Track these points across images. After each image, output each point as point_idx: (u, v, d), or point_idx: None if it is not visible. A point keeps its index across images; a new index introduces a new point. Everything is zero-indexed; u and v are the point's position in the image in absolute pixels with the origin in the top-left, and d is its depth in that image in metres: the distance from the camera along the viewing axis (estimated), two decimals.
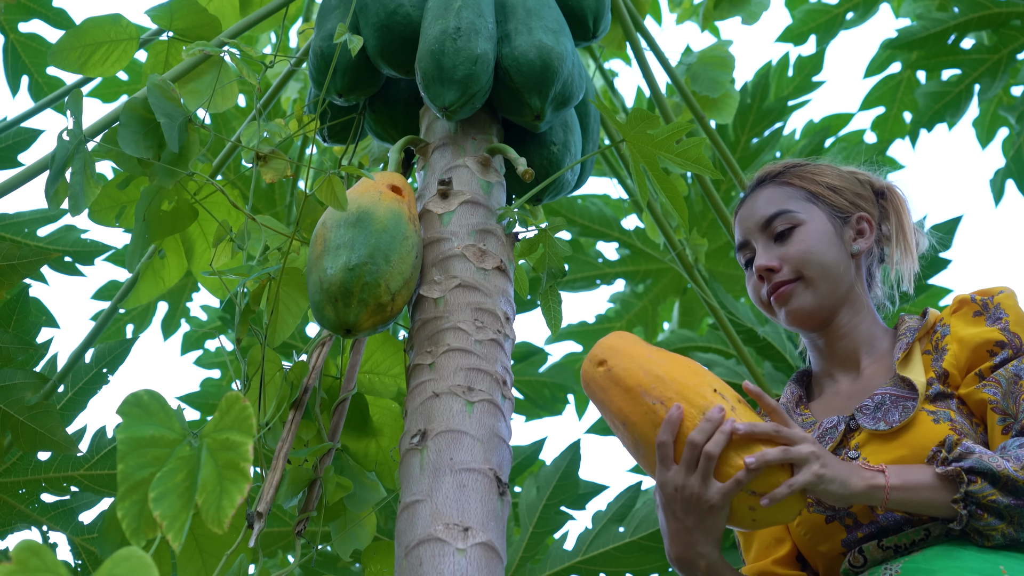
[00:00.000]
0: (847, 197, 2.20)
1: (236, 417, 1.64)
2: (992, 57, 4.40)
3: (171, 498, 1.59)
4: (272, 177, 2.37)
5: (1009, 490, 1.82)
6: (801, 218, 2.15)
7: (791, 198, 2.19)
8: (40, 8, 3.66)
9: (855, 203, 2.20)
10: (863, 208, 2.21)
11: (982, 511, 1.82)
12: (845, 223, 2.18)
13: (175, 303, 4.34)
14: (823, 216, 2.16)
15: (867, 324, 2.16)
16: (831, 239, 2.15)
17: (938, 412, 1.95)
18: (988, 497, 1.82)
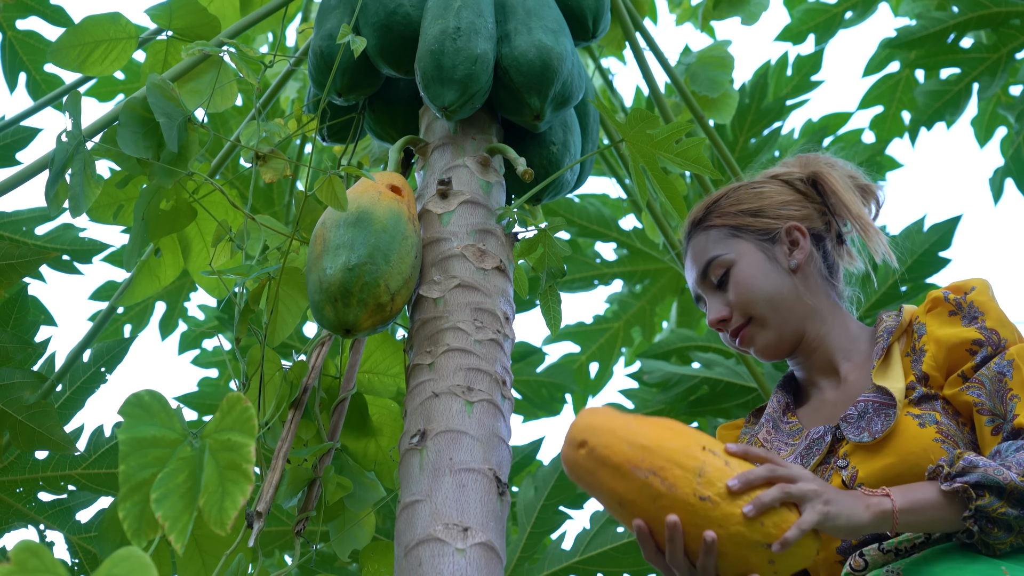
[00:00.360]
0: (769, 214, 2.18)
1: (238, 418, 1.64)
2: (991, 56, 4.40)
3: (173, 499, 1.59)
4: (271, 177, 2.37)
5: (1016, 500, 1.80)
6: (730, 259, 2.15)
7: (717, 241, 2.18)
8: (38, 5, 3.65)
9: (779, 215, 2.18)
10: (791, 215, 2.18)
11: (992, 525, 1.81)
12: (775, 242, 2.16)
13: (173, 303, 4.34)
14: (751, 247, 2.16)
15: (838, 329, 2.14)
16: (765, 267, 2.14)
17: (923, 416, 1.94)
18: (998, 511, 1.80)
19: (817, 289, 2.16)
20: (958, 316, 2.02)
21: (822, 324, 2.13)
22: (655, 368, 4.07)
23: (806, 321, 2.13)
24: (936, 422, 1.93)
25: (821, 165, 2.25)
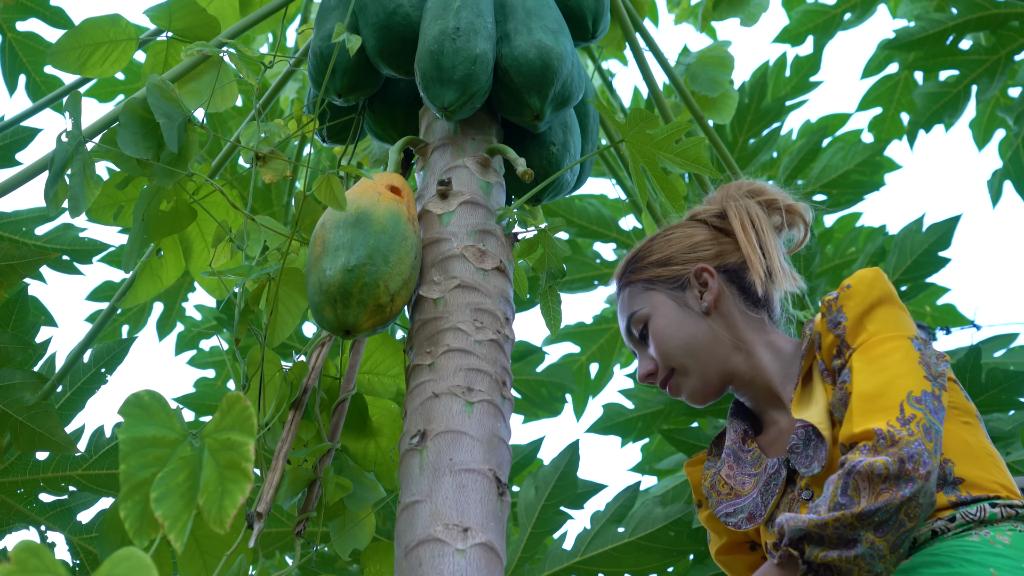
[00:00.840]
0: (678, 261, 2.21)
1: (237, 417, 1.64)
2: (990, 58, 4.40)
3: (173, 498, 1.59)
4: (271, 177, 2.37)
5: (832, 540, 1.82)
6: (645, 313, 2.19)
7: (633, 297, 2.23)
8: (38, 7, 3.65)
9: (688, 260, 2.21)
10: (700, 257, 2.20)
11: (830, 571, 1.83)
12: (685, 288, 2.19)
13: (171, 303, 4.34)
14: (663, 297, 2.19)
15: (771, 356, 2.15)
16: (678, 316, 2.17)
17: None
18: (820, 556, 1.82)
19: (739, 323, 2.18)
20: (825, 321, 2.04)
21: (751, 356, 2.15)
22: None
23: (730, 359, 2.15)
24: None
25: (730, 200, 2.27)
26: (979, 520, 1.87)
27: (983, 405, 3.55)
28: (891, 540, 1.82)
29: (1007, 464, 3.50)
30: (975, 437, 1.98)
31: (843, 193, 4.52)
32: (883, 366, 1.94)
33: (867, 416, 1.89)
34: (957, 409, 1.99)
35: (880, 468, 1.81)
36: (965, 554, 1.82)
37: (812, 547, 1.83)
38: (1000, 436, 3.53)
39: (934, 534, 1.88)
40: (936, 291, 4.49)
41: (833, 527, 1.81)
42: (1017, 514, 1.89)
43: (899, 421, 1.87)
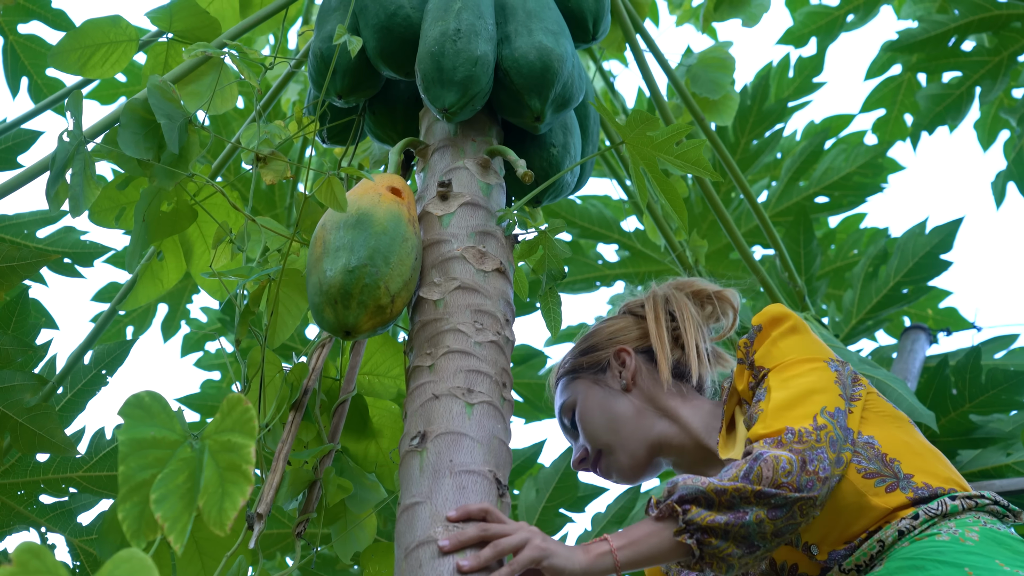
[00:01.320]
0: (599, 347, 2.29)
1: (238, 419, 1.64)
2: (993, 59, 4.40)
3: (172, 499, 1.58)
4: (272, 179, 2.37)
5: (724, 505, 1.86)
6: (572, 401, 2.27)
7: (562, 390, 2.31)
8: (39, 9, 3.66)
9: (609, 345, 2.29)
10: (622, 340, 2.29)
11: (707, 535, 1.87)
12: (605, 371, 2.26)
13: (175, 305, 4.34)
14: (586, 383, 2.26)
15: (694, 417, 2.21)
16: (599, 397, 2.23)
17: None
18: (707, 519, 1.86)
19: (661, 393, 2.23)
20: (743, 366, 2.12)
21: (677, 419, 2.20)
22: None
23: (655, 428, 2.20)
24: None
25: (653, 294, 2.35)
26: (942, 514, 1.90)
27: (983, 406, 3.55)
28: (779, 525, 1.87)
29: (1008, 466, 3.51)
30: (913, 437, 2.03)
31: (846, 195, 4.53)
32: (800, 383, 2.01)
33: (780, 419, 1.95)
34: (887, 415, 2.05)
35: (784, 463, 1.87)
36: (938, 555, 1.84)
37: (700, 509, 1.87)
38: (1000, 437, 3.53)
39: (900, 534, 1.91)
40: (938, 294, 4.49)
41: (730, 495, 1.86)
42: (977, 504, 1.93)
43: (812, 427, 1.93)
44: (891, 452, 1.98)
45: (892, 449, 1.98)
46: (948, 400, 3.57)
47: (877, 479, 1.94)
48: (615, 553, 1.89)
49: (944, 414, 3.56)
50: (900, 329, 4.28)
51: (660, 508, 1.90)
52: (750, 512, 1.86)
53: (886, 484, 1.94)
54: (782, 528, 1.88)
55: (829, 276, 4.50)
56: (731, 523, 1.85)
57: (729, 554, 1.88)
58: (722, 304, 2.34)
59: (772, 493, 1.85)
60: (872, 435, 2.00)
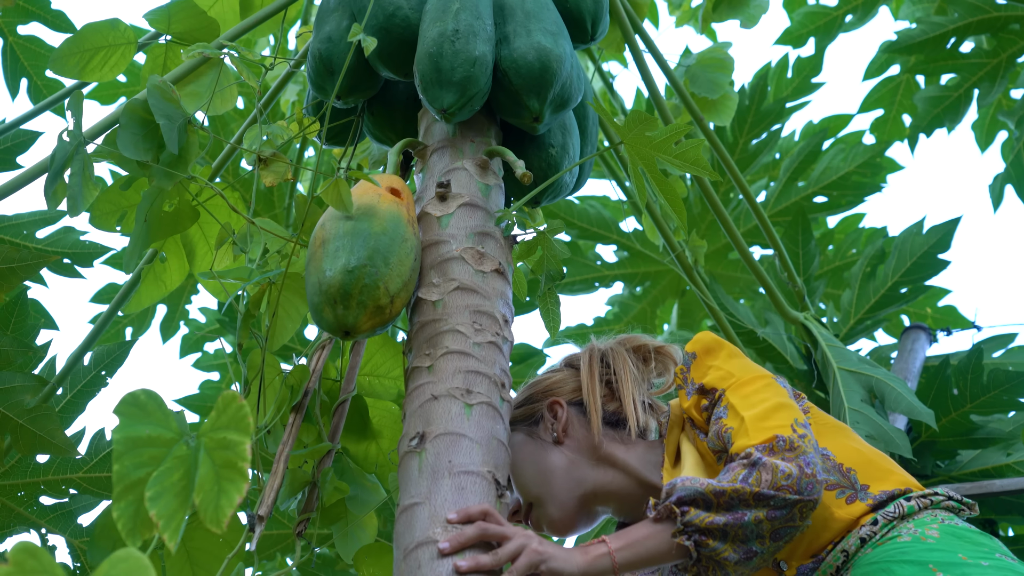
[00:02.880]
0: (534, 399, 2.28)
1: (233, 416, 1.64)
2: (991, 61, 4.40)
3: (167, 497, 1.58)
4: (272, 180, 2.37)
5: (723, 507, 1.88)
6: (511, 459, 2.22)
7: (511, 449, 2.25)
8: (39, 11, 3.66)
9: (544, 397, 2.27)
10: (558, 392, 2.27)
11: (705, 537, 1.88)
12: (538, 423, 2.24)
13: (174, 306, 4.34)
14: (520, 437, 2.24)
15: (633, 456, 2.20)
16: (530, 449, 2.22)
17: None
18: (705, 520, 1.88)
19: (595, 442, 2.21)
20: (683, 392, 2.15)
21: (615, 463, 2.19)
22: None
23: (589, 477, 2.19)
24: None
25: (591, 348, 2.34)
26: (900, 516, 1.93)
27: (984, 406, 3.55)
28: (777, 526, 1.88)
29: (1009, 466, 3.51)
30: (861, 444, 2.07)
31: (844, 195, 4.53)
32: (761, 398, 2.03)
33: (765, 429, 1.96)
34: (832, 427, 2.09)
35: (783, 467, 1.89)
36: (902, 556, 1.86)
37: (699, 511, 1.88)
38: (1000, 437, 3.53)
39: (863, 542, 1.93)
40: (938, 293, 4.49)
41: (729, 496, 1.87)
42: (932, 502, 1.96)
43: (795, 435, 1.94)
44: (847, 462, 2.01)
45: (847, 459, 2.02)
46: (949, 400, 3.57)
47: (838, 490, 1.98)
48: (613, 555, 1.91)
49: (945, 414, 3.56)
50: (899, 328, 4.28)
51: (659, 510, 1.91)
52: (749, 513, 1.87)
53: (846, 496, 1.98)
54: (780, 530, 1.88)
55: (828, 276, 4.50)
56: (730, 524, 1.86)
57: (726, 557, 1.88)
58: (663, 359, 2.33)
59: (771, 495, 1.86)
60: (826, 447, 2.03)
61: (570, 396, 2.27)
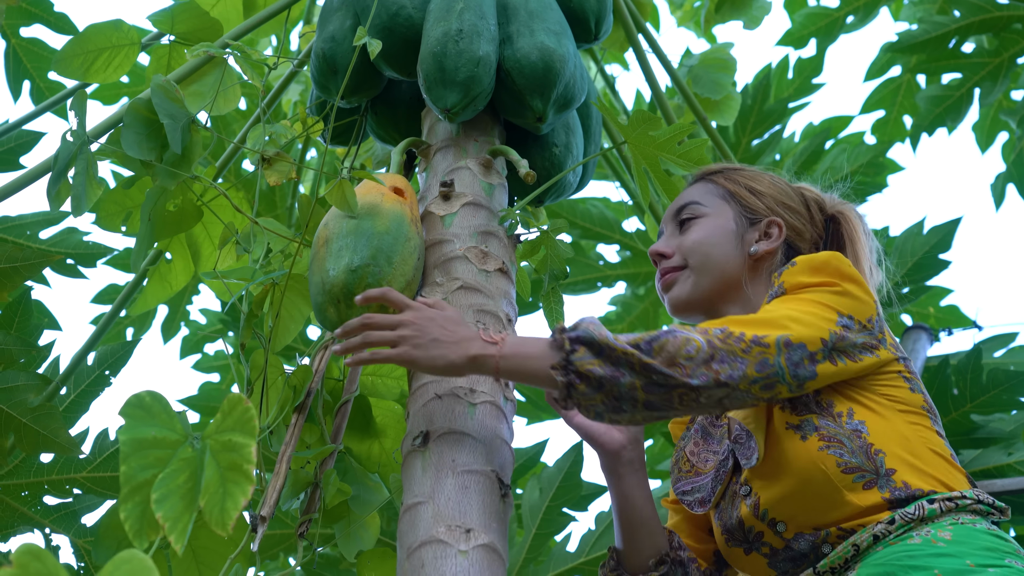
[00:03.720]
0: (765, 202, 2.20)
1: (239, 418, 1.64)
2: (993, 61, 4.40)
3: (173, 499, 1.58)
4: (276, 180, 2.37)
5: (609, 360, 1.83)
6: (705, 211, 2.18)
7: (707, 194, 2.21)
8: (41, 12, 3.66)
9: (772, 208, 2.19)
10: (782, 216, 2.18)
11: (580, 380, 1.84)
12: (752, 224, 2.17)
13: (175, 306, 4.34)
14: (731, 214, 2.18)
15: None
16: (728, 236, 2.16)
17: (803, 424, 1.93)
18: (585, 366, 1.84)
19: (759, 285, 2.15)
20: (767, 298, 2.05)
21: (745, 308, 2.13)
22: None
23: (728, 300, 2.14)
24: (816, 428, 1.91)
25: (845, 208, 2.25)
26: (919, 519, 1.83)
27: (984, 405, 3.55)
28: (651, 400, 1.84)
29: (1010, 465, 3.51)
30: (916, 432, 1.93)
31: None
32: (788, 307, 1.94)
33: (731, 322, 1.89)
34: (900, 403, 1.95)
35: (692, 347, 1.83)
36: (908, 559, 1.78)
37: (587, 354, 1.84)
38: (1001, 436, 3.53)
39: (875, 539, 1.84)
40: (939, 292, 4.49)
41: (619, 354, 1.83)
42: (957, 506, 1.85)
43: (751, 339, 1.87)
44: (879, 443, 1.89)
45: (881, 440, 1.90)
46: (949, 400, 3.57)
47: (857, 474, 1.87)
48: (498, 362, 1.92)
49: (945, 414, 3.56)
50: (901, 328, 4.28)
51: (555, 337, 1.88)
52: (627, 376, 1.82)
53: (865, 480, 1.87)
54: (655, 403, 1.84)
55: None
56: (606, 378, 1.83)
57: (593, 405, 1.85)
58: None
59: (657, 369, 1.81)
60: (864, 421, 1.91)
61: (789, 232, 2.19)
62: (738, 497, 1.98)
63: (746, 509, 1.96)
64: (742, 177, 2.23)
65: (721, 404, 1.87)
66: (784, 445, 1.92)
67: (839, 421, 1.92)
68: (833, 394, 1.95)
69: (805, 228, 2.20)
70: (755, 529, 1.96)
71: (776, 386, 1.88)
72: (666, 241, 2.20)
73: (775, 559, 1.96)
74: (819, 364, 1.90)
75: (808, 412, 1.93)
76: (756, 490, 1.95)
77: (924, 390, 2.01)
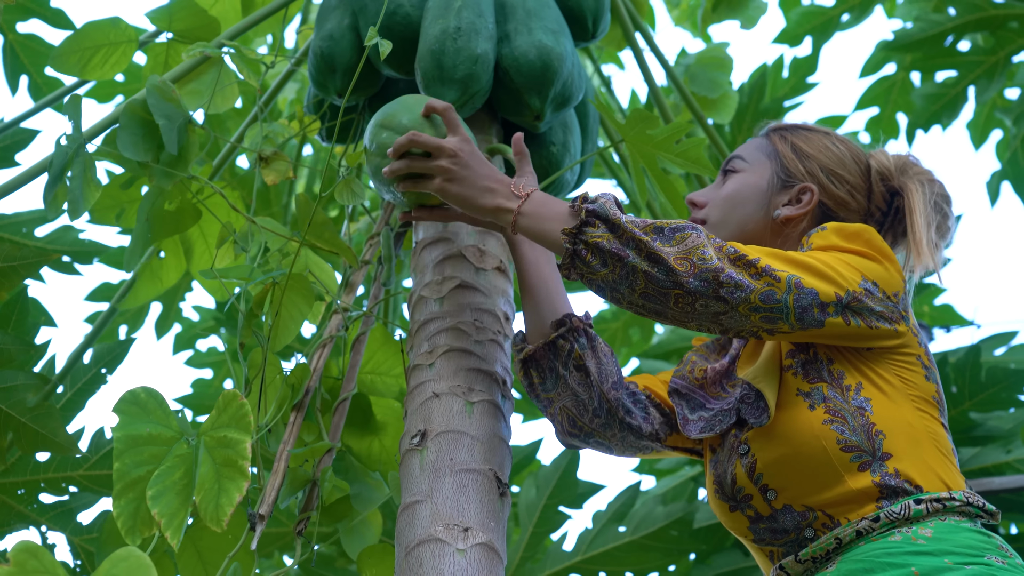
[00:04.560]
0: (807, 166, 2.14)
1: (234, 415, 1.64)
2: (988, 59, 4.40)
3: (169, 496, 1.59)
4: (274, 179, 2.37)
5: (620, 239, 1.83)
6: (743, 166, 2.16)
7: (756, 149, 2.19)
8: (38, 8, 3.65)
9: (814, 174, 2.13)
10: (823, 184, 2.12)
11: (587, 251, 1.85)
12: (785, 187, 2.13)
13: (169, 303, 4.33)
14: (766, 174, 2.14)
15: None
16: (756, 195, 2.13)
17: (812, 393, 1.90)
18: (595, 238, 1.84)
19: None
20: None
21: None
22: (653, 368, 4.08)
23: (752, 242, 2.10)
24: (824, 399, 1.89)
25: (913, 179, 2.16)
26: (904, 518, 1.80)
27: (983, 404, 3.56)
28: (649, 291, 1.82)
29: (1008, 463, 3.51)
30: (922, 421, 1.90)
31: None
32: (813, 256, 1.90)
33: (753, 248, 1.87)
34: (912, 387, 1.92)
35: (707, 254, 1.81)
36: (887, 556, 1.77)
37: (601, 228, 1.84)
38: (1000, 435, 3.54)
39: (858, 535, 1.82)
40: (934, 291, 4.50)
41: (630, 236, 1.83)
42: (945, 507, 1.82)
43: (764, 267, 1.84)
44: (880, 423, 1.86)
45: (884, 421, 1.86)
46: (948, 398, 3.58)
47: (854, 454, 1.84)
48: (516, 216, 1.95)
49: None
50: None
51: (575, 205, 1.89)
52: (632, 258, 1.82)
53: (861, 460, 1.84)
54: (651, 295, 1.83)
55: None
56: (611, 254, 1.83)
57: (594, 278, 1.86)
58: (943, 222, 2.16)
59: (663, 261, 1.80)
60: (871, 399, 1.88)
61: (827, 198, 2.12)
62: (735, 454, 1.96)
63: (741, 469, 1.94)
64: (795, 137, 2.19)
65: (718, 321, 1.85)
66: (792, 412, 1.90)
67: (846, 395, 1.89)
68: (846, 364, 1.92)
69: (852, 199, 2.13)
70: (745, 490, 1.94)
71: (778, 322, 1.86)
72: (705, 191, 2.19)
73: (756, 524, 1.94)
74: (829, 317, 1.87)
75: (819, 380, 1.91)
76: (754, 451, 1.93)
77: (939, 381, 1.98)
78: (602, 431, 2.09)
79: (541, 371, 2.10)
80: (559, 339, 2.08)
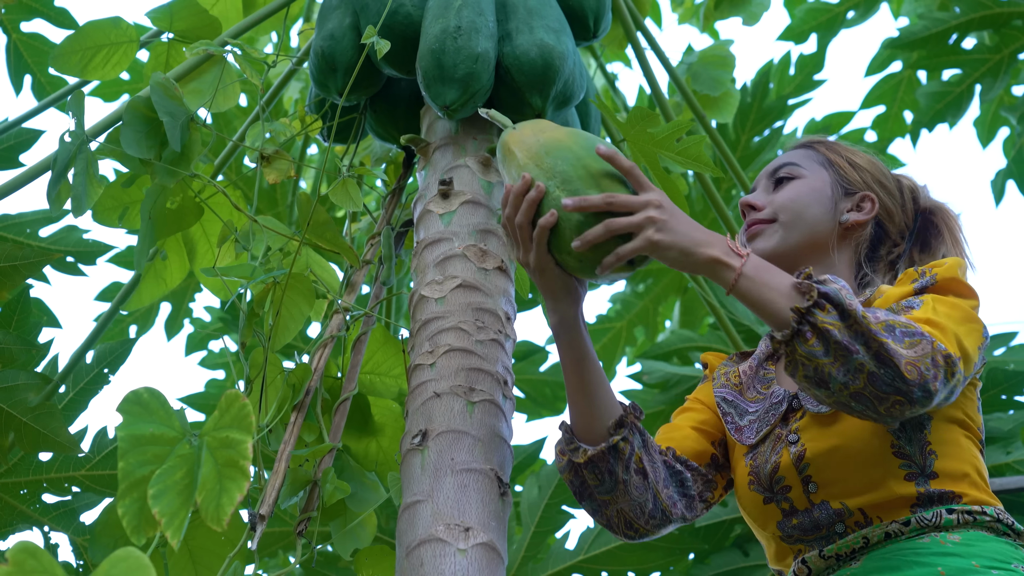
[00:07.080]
0: (863, 177, 2.17)
1: (236, 415, 1.64)
2: (993, 57, 4.40)
3: (170, 495, 1.59)
4: (276, 178, 2.37)
5: (850, 330, 1.74)
6: (803, 172, 2.16)
7: (806, 158, 2.20)
8: (42, 7, 3.66)
9: (869, 185, 2.16)
10: (877, 194, 2.16)
11: (812, 334, 1.75)
12: (847, 195, 2.15)
13: (178, 304, 4.34)
14: (828, 181, 2.15)
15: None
16: (822, 199, 2.13)
17: None
18: (825, 323, 1.74)
19: (844, 255, 2.13)
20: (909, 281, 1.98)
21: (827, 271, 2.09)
22: (655, 369, 4.08)
23: (811, 258, 2.10)
24: None
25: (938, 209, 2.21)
26: (934, 525, 1.82)
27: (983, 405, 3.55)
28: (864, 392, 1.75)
29: (1008, 464, 3.51)
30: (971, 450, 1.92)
31: None
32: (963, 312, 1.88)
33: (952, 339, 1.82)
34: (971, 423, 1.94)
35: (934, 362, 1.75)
36: (914, 556, 1.78)
37: (832, 314, 1.76)
38: (1000, 436, 3.53)
39: (887, 536, 1.83)
40: None
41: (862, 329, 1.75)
42: (975, 520, 1.83)
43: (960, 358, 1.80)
44: (935, 444, 1.87)
45: (939, 443, 1.88)
46: None
47: (904, 462, 1.86)
48: (737, 277, 1.82)
49: None
50: None
51: (803, 282, 1.80)
52: (860, 355, 1.74)
53: (909, 471, 1.85)
54: (863, 395, 1.75)
55: None
56: (840, 345, 1.74)
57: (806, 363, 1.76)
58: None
59: (892, 363, 1.73)
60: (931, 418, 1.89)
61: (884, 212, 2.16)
62: (782, 443, 1.95)
63: (788, 457, 1.92)
64: (843, 149, 2.22)
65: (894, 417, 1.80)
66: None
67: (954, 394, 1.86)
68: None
69: (896, 212, 2.17)
70: (785, 480, 1.93)
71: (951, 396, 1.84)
72: (759, 194, 2.18)
73: (788, 519, 1.93)
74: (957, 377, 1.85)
75: None
76: (804, 440, 1.92)
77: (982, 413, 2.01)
78: (656, 531, 2.04)
79: (599, 473, 1.99)
80: (621, 441, 1.98)
